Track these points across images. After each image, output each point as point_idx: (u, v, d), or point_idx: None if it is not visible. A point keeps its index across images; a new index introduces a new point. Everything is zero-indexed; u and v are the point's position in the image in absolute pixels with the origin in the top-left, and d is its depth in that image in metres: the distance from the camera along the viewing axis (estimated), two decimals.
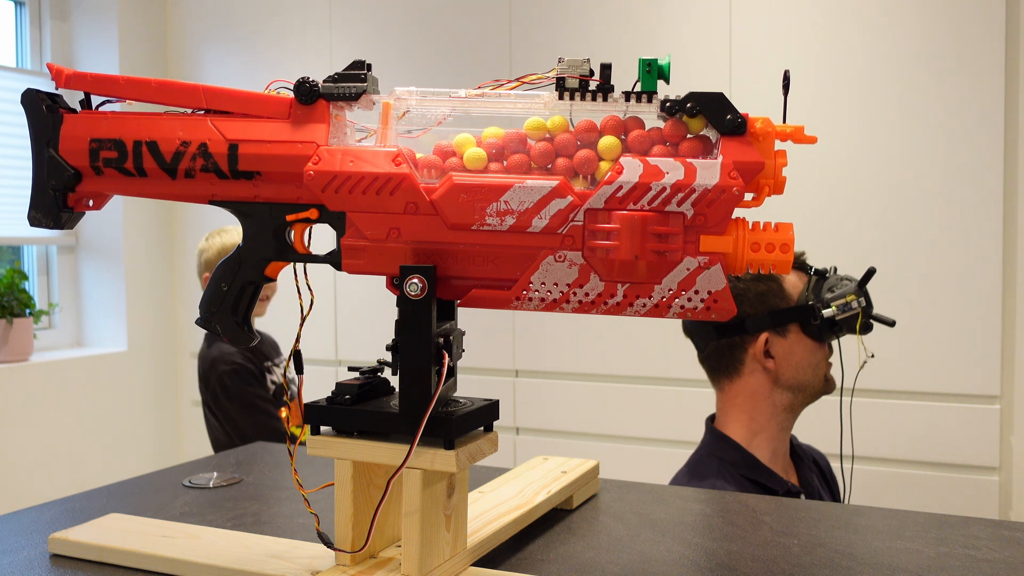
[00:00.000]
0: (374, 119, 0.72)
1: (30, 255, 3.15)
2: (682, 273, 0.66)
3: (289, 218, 0.71)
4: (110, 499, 1.03)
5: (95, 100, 0.75)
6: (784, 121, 0.68)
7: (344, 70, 0.70)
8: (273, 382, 2.21)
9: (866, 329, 1.39)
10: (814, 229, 2.28)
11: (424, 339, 0.67)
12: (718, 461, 1.40)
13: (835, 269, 1.44)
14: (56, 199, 0.74)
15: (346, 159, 0.68)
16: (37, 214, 0.75)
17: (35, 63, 3.11)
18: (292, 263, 0.74)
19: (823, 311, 1.38)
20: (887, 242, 2.25)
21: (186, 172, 0.71)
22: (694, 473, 1.41)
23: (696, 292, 0.66)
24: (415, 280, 0.67)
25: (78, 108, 0.75)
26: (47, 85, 3.10)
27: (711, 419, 1.50)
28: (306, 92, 0.70)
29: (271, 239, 0.72)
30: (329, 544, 0.73)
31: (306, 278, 0.75)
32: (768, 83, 2.35)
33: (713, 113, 0.66)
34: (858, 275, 1.43)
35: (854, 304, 1.38)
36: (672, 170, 0.65)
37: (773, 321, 1.42)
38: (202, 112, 0.72)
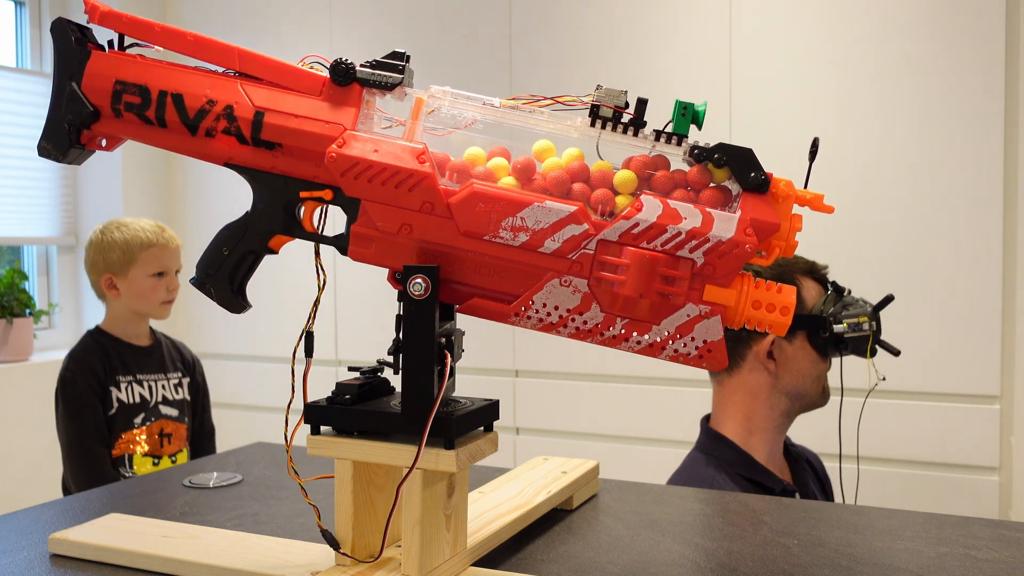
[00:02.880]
0: (402, 110, 0.71)
1: (30, 255, 3.14)
2: (682, 318, 0.67)
3: (303, 194, 0.71)
4: (110, 499, 1.03)
5: (126, 44, 0.73)
6: (805, 186, 0.68)
7: (383, 58, 0.70)
8: (119, 400, 1.94)
9: (872, 353, 1.41)
10: (813, 230, 2.27)
11: (427, 339, 0.67)
12: (715, 460, 1.41)
13: (849, 291, 1.46)
14: (70, 133, 0.72)
15: (371, 147, 0.68)
16: (48, 145, 0.73)
17: (35, 63, 3.11)
18: (298, 240, 0.73)
19: (834, 326, 1.40)
20: (887, 242, 2.25)
21: (207, 131, 0.70)
22: (691, 471, 1.41)
23: (692, 339, 0.67)
24: (419, 280, 0.67)
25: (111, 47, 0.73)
26: (44, 83, 3.09)
27: (706, 419, 1.50)
28: (342, 73, 0.69)
29: (280, 212, 0.72)
30: (336, 546, 0.73)
31: (319, 258, 0.74)
32: (767, 84, 2.35)
33: (739, 167, 0.66)
34: (853, 279, 1.44)
35: (865, 326, 1.40)
36: (690, 216, 0.65)
37: None
38: (233, 74, 0.71)
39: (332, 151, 0.68)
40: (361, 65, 0.70)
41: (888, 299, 1.43)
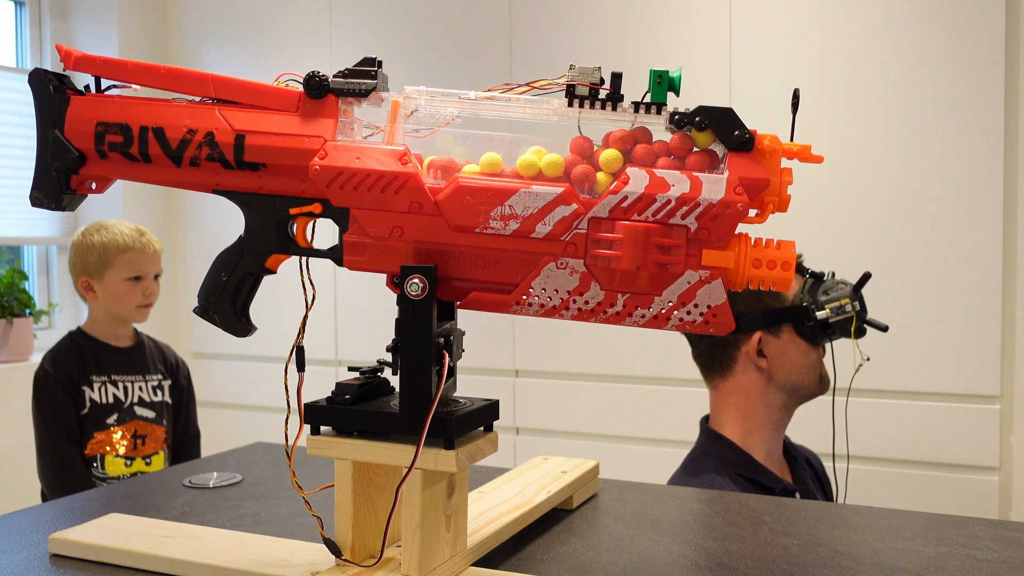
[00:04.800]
0: (383, 116, 0.72)
1: (30, 255, 3.14)
2: (683, 286, 0.66)
3: (292, 211, 0.71)
4: (110, 499, 1.03)
5: (104, 85, 0.74)
6: (792, 139, 0.68)
7: (355, 66, 0.70)
8: (92, 400, 1.94)
9: (860, 333, 1.40)
10: (813, 228, 2.28)
11: (424, 339, 0.67)
12: (715, 459, 1.41)
13: (833, 274, 1.44)
14: (59, 180, 0.73)
15: (352, 155, 0.68)
16: (39, 194, 0.74)
17: (35, 63, 3.11)
18: (294, 256, 0.74)
19: (817, 313, 1.39)
20: (887, 242, 2.25)
21: (191, 160, 0.71)
22: (690, 471, 1.41)
23: (696, 305, 0.66)
24: (415, 280, 0.67)
25: (88, 90, 0.74)
26: None
27: (705, 419, 1.50)
28: (316, 86, 0.69)
29: (273, 231, 0.72)
30: (338, 553, 0.73)
31: (308, 273, 0.74)
32: (766, 85, 2.35)
33: (721, 128, 0.66)
34: (855, 278, 1.43)
35: (848, 307, 1.38)
36: (678, 183, 0.65)
37: (767, 320, 1.43)
38: (210, 101, 0.72)
39: (315, 163, 0.68)
40: (334, 76, 0.70)
41: (866, 277, 1.41)
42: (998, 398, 2.17)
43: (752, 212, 0.66)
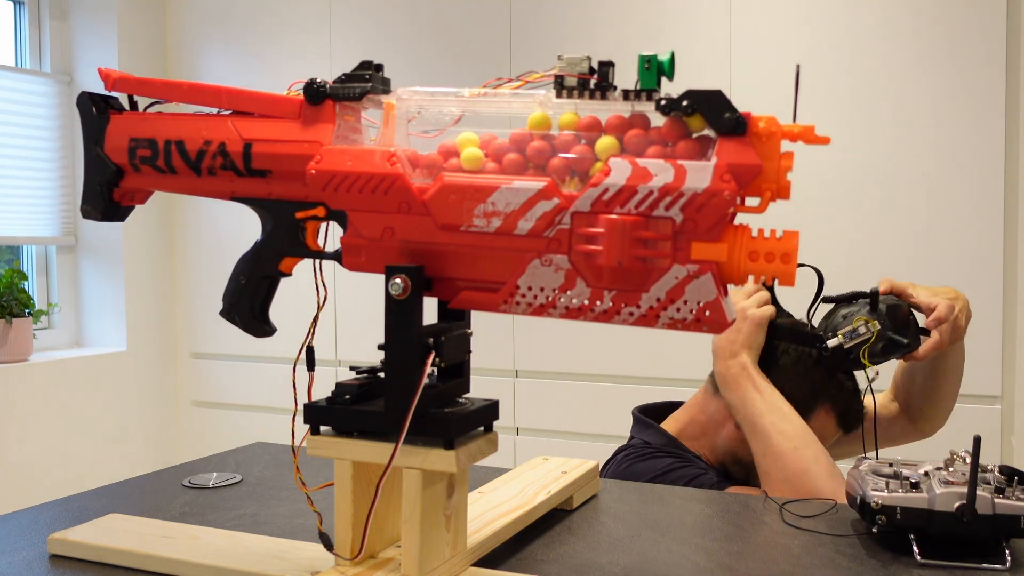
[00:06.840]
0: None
1: (30, 255, 3.14)
2: (670, 282, 0.63)
3: (298, 215, 0.73)
4: (110, 499, 1.03)
5: (146, 103, 0.79)
6: (794, 120, 0.64)
7: (353, 70, 0.71)
8: None
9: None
10: (812, 227, 2.28)
11: (408, 339, 0.67)
12: (638, 444, 1.38)
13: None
14: (102, 194, 0.78)
15: (345, 159, 0.69)
16: (88, 207, 0.79)
17: (35, 63, 3.11)
18: (305, 259, 0.75)
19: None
20: (886, 241, 2.25)
21: (208, 170, 0.74)
22: (616, 471, 1.35)
23: (685, 302, 0.63)
24: (397, 280, 0.67)
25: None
26: (44, 83, 3.09)
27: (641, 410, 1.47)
28: (313, 92, 0.71)
29: (284, 235, 0.74)
30: (329, 547, 0.73)
31: (321, 275, 0.76)
32: (768, 84, 2.35)
33: (710, 111, 0.62)
34: (862, 282, 1.35)
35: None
36: (661, 172, 0.62)
37: None
38: (227, 113, 0.75)
39: (311, 168, 0.70)
40: (334, 81, 0.71)
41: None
42: (998, 398, 2.17)
43: (754, 201, 0.62)
